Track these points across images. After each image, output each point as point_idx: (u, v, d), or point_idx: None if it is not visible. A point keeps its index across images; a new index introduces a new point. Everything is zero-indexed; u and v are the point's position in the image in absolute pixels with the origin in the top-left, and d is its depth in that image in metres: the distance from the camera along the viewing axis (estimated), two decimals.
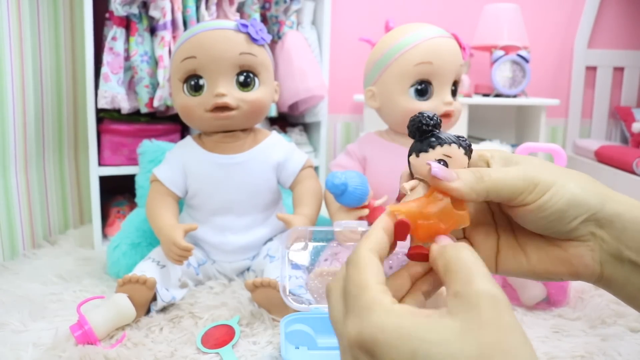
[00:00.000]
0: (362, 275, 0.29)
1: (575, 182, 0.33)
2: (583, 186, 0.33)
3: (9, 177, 1.04)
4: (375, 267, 0.29)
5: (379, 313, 0.26)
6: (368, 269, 0.29)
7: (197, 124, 0.94)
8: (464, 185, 0.32)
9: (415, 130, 0.35)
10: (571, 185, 0.32)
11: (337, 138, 1.81)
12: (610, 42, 1.91)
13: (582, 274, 0.34)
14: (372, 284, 0.28)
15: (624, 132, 1.90)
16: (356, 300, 0.28)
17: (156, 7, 1.11)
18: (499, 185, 0.32)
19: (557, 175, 0.33)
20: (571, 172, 0.34)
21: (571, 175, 0.34)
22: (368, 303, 0.26)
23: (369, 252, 0.30)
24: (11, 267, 1.00)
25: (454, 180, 0.32)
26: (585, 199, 0.32)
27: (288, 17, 1.32)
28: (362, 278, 0.28)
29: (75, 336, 0.70)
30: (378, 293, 0.27)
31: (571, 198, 0.32)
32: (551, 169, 0.34)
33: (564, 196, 0.32)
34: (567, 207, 0.32)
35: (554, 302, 0.87)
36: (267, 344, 0.73)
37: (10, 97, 1.02)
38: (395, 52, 0.91)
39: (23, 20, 1.06)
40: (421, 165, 0.34)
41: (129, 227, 1.01)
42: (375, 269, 0.29)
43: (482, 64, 1.79)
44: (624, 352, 0.70)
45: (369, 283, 0.28)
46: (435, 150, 0.34)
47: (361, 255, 0.30)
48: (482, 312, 0.24)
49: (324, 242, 0.89)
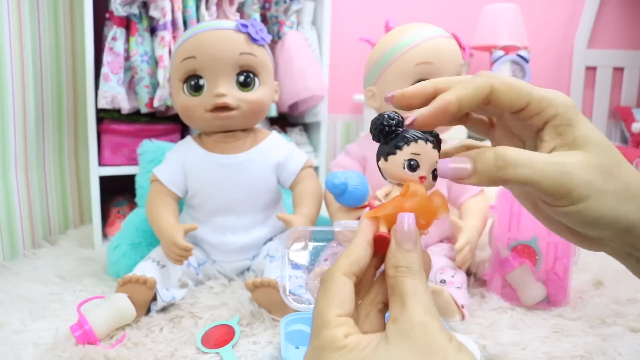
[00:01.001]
0: (325, 307, 0.29)
1: (614, 199, 0.30)
2: (620, 203, 0.30)
3: (9, 177, 1.04)
4: (341, 293, 0.29)
5: (331, 353, 0.27)
6: (334, 299, 0.29)
7: (197, 124, 0.94)
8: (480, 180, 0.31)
9: (379, 133, 0.33)
10: (607, 203, 0.30)
11: (337, 138, 1.81)
12: (610, 42, 1.91)
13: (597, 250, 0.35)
14: (332, 318, 0.28)
15: (624, 132, 1.91)
16: (315, 334, 0.28)
17: (156, 7, 1.11)
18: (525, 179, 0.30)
19: (597, 186, 0.30)
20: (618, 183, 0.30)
21: (616, 188, 0.30)
22: (323, 342, 0.28)
23: (342, 277, 0.30)
24: (11, 267, 1.00)
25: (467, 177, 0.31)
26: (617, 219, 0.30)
27: (288, 17, 1.32)
28: (325, 310, 0.29)
29: (75, 336, 0.70)
30: (336, 329, 0.28)
31: (602, 217, 0.30)
32: (596, 176, 0.30)
33: (596, 213, 0.30)
34: (595, 222, 0.30)
35: (554, 302, 0.87)
36: (267, 344, 0.73)
37: (10, 97, 1.02)
38: (395, 52, 0.91)
39: (23, 20, 1.06)
40: (391, 168, 0.33)
41: (129, 227, 1.01)
42: (340, 296, 0.29)
43: (482, 64, 1.79)
44: (623, 352, 0.70)
45: (329, 318, 0.28)
46: (403, 150, 0.32)
47: (330, 279, 0.30)
48: (414, 338, 0.26)
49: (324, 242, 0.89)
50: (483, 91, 0.31)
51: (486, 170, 0.30)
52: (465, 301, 0.82)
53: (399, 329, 0.27)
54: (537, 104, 0.31)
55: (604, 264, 1.07)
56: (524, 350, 0.71)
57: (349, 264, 0.30)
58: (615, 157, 0.31)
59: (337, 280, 0.30)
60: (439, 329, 0.27)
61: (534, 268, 0.87)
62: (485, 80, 0.32)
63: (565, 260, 0.87)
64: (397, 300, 0.28)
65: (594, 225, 0.31)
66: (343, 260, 0.31)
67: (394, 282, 0.29)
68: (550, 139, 0.32)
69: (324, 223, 1.02)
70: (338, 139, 1.81)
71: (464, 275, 0.88)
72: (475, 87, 0.32)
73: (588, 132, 0.31)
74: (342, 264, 0.30)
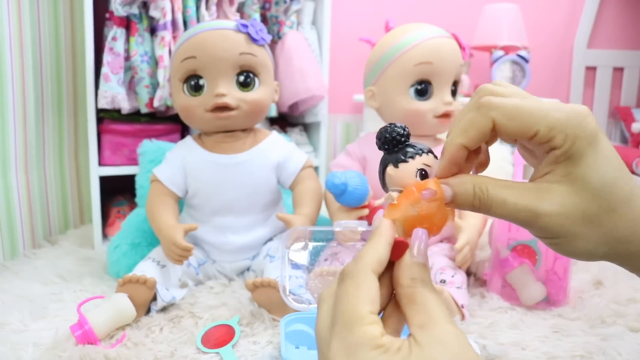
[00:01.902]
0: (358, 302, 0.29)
1: (586, 241, 0.30)
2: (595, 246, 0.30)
3: (9, 177, 1.04)
4: (373, 290, 0.29)
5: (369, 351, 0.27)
6: (364, 294, 0.29)
7: (197, 124, 0.94)
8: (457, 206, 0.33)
9: (389, 142, 0.34)
10: (578, 245, 0.31)
11: (337, 138, 1.81)
12: (610, 42, 1.91)
13: None
14: (366, 314, 0.28)
15: (624, 132, 1.91)
16: (348, 329, 0.28)
17: (156, 7, 1.11)
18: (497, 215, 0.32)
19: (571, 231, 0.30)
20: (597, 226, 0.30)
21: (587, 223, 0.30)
22: (359, 338, 0.27)
23: (371, 274, 0.30)
24: (11, 267, 1.00)
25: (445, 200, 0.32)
26: (592, 252, 0.31)
27: (288, 17, 1.32)
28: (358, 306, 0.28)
29: (75, 336, 0.70)
30: (371, 326, 0.28)
31: (575, 253, 0.31)
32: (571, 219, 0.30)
33: (568, 249, 0.31)
34: (572, 255, 0.32)
35: (554, 302, 0.87)
36: (267, 343, 0.73)
37: (10, 96, 1.02)
38: (395, 52, 0.91)
39: (23, 21, 1.06)
40: (403, 176, 0.34)
41: (129, 227, 1.01)
42: (372, 294, 0.29)
43: (482, 64, 1.79)
44: (623, 352, 0.70)
45: (363, 313, 0.28)
46: (415, 160, 0.34)
47: (361, 275, 0.30)
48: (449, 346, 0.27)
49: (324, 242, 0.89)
50: (485, 130, 0.32)
51: (463, 204, 0.32)
52: (465, 301, 0.82)
53: (431, 335, 0.27)
54: (545, 134, 0.30)
55: (603, 264, 1.07)
56: (524, 350, 0.71)
57: (377, 262, 0.31)
58: (608, 203, 0.30)
59: (368, 276, 0.30)
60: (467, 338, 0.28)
61: (534, 268, 0.87)
62: (486, 116, 0.31)
63: (565, 260, 0.87)
64: (420, 309, 0.29)
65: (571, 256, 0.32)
66: (370, 257, 0.31)
67: (411, 292, 0.30)
68: (546, 164, 0.31)
69: (324, 223, 1.02)
70: (338, 139, 1.81)
71: (464, 275, 0.88)
72: (478, 129, 0.32)
73: (587, 172, 0.30)
74: (369, 261, 0.30)
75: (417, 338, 0.27)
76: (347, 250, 0.90)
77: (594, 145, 0.30)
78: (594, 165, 0.30)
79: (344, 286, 0.30)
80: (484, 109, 0.31)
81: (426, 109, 0.91)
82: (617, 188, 0.30)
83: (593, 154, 0.30)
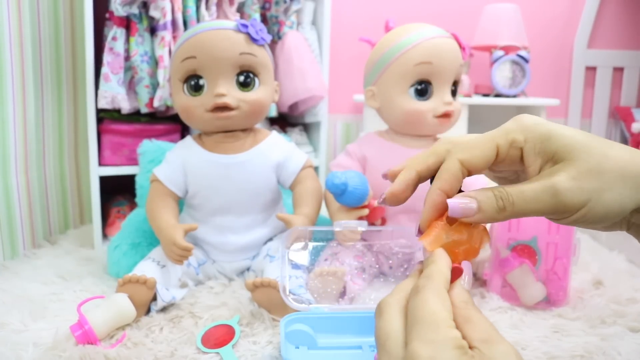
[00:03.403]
0: (438, 307, 0.30)
1: (613, 189, 0.31)
2: (622, 192, 0.31)
3: (9, 177, 1.04)
4: (449, 303, 0.32)
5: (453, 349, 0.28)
6: (445, 303, 0.31)
7: (197, 124, 0.94)
8: (485, 218, 0.33)
9: None
10: (608, 196, 0.31)
11: (337, 138, 1.81)
12: (610, 42, 1.91)
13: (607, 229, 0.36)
14: (447, 319, 0.30)
15: (624, 132, 1.91)
16: (431, 328, 0.29)
17: (156, 7, 1.11)
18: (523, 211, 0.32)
19: (593, 188, 0.31)
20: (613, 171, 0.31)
21: (612, 177, 0.31)
22: (444, 337, 0.29)
23: (444, 289, 0.32)
24: (11, 267, 1.00)
25: (472, 215, 0.33)
26: (623, 205, 0.31)
27: (288, 17, 1.32)
28: (438, 309, 0.30)
29: (75, 336, 0.70)
30: (452, 329, 0.30)
31: (608, 210, 0.31)
32: (590, 175, 0.31)
33: (600, 210, 0.31)
34: (604, 217, 0.32)
35: (554, 302, 0.87)
36: (267, 343, 0.73)
37: (10, 96, 1.02)
38: (395, 52, 0.91)
39: (23, 20, 1.06)
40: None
41: (129, 227, 1.01)
42: (449, 305, 0.32)
43: (482, 64, 1.79)
44: (623, 352, 0.70)
45: (444, 316, 0.30)
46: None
47: (439, 288, 0.32)
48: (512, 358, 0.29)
49: (324, 242, 0.90)
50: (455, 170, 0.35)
51: (489, 210, 0.33)
52: None
53: (496, 349, 0.29)
54: (504, 141, 0.34)
55: (604, 264, 1.07)
56: (523, 350, 0.71)
57: (446, 281, 0.33)
58: (599, 150, 0.32)
59: (442, 289, 0.32)
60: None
61: (534, 268, 0.87)
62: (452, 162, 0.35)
63: (565, 260, 0.87)
64: (478, 328, 0.31)
65: (604, 220, 0.32)
66: (441, 276, 0.33)
67: (467, 312, 0.32)
68: (532, 161, 0.34)
69: (324, 223, 1.02)
70: (338, 139, 1.81)
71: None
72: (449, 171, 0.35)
73: (565, 140, 0.33)
74: (442, 279, 0.33)
75: (484, 351, 0.29)
76: (347, 250, 0.90)
77: (549, 123, 0.34)
78: (564, 131, 0.33)
79: (421, 296, 0.31)
80: (443, 153, 0.35)
81: (426, 109, 0.91)
82: (595, 140, 0.33)
83: (555, 127, 0.33)
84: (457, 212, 0.33)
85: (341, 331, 0.71)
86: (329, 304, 0.78)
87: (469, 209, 0.33)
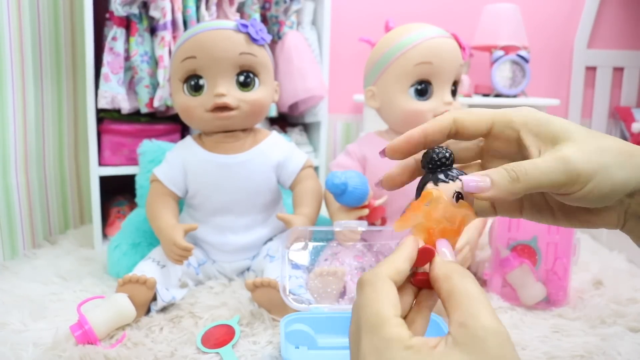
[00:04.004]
0: (381, 306, 0.29)
1: (616, 164, 0.32)
2: (624, 165, 0.32)
3: (9, 177, 1.04)
4: (392, 295, 0.30)
5: (400, 351, 0.27)
6: (385, 298, 0.30)
7: (197, 124, 0.94)
8: (499, 191, 0.32)
9: (435, 162, 0.36)
10: (614, 171, 0.32)
11: (337, 138, 1.81)
12: (610, 42, 1.91)
13: (604, 226, 0.36)
14: (391, 317, 0.29)
15: (624, 132, 1.91)
16: (374, 331, 0.28)
17: (156, 7, 1.11)
18: (537, 182, 0.32)
19: (600, 161, 0.32)
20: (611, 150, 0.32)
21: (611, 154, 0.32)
22: (388, 340, 0.28)
23: (389, 280, 0.31)
24: (11, 267, 1.00)
25: (487, 191, 0.32)
26: (627, 182, 0.32)
27: (288, 17, 1.32)
28: (382, 309, 0.29)
29: (75, 336, 0.70)
30: (396, 327, 0.28)
31: (613, 185, 0.32)
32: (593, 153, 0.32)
33: (607, 185, 0.32)
34: (610, 192, 0.32)
35: (554, 302, 0.87)
36: (267, 343, 0.73)
37: (10, 97, 1.02)
38: (395, 52, 0.91)
39: (23, 20, 1.06)
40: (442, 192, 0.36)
41: (129, 227, 1.01)
42: (392, 298, 0.30)
43: (482, 64, 1.79)
44: (623, 352, 0.70)
45: (388, 316, 0.29)
46: (455, 182, 0.35)
47: (379, 282, 0.31)
48: (488, 347, 0.26)
49: (324, 242, 0.89)
50: (445, 123, 0.35)
51: (502, 182, 0.32)
52: None
53: (471, 334, 0.27)
54: (501, 118, 0.35)
55: (604, 264, 1.07)
56: (524, 350, 0.71)
57: (395, 272, 0.31)
58: (595, 133, 0.33)
59: (386, 282, 0.31)
60: (509, 336, 0.28)
61: (534, 268, 0.87)
62: (448, 114, 0.36)
63: (565, 260, 0.87)
64: (459, 304, 0.29)
65: (610, 196, 0.32)
66: (388, 266, 0.32)
67: (449, 285, 0.30)
68: (531, 142, 0.34)
69: (324, 223, 1.02)
70: (338, 139, 1.81)
71: None
72: (439, 121, 0.35)
73: (563, 124, 0.34)
74: (387, 269, 0.31)
75: (456, 337, 0.27)
76: (347, 250, 0.90)
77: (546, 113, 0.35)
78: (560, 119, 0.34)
79: (364, 293, 0.30)
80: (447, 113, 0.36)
81: (426, 109, 0.91)
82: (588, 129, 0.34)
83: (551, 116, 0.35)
84: (472, 188, 0.32)
85: (341, 331, 0.71)
86: (329, 304, 0.78)
87: (483, 183, 0.32)
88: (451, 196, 0.35)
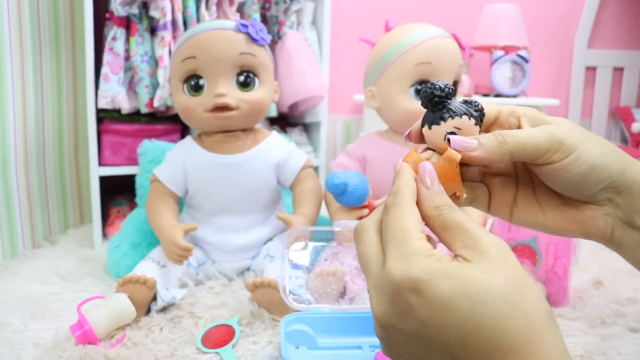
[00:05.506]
0: (406, 223, 0.31)
1: (598, 148, 0.34)
2: (606, 152, 0.34)
3: (9, 177, 1.04)
4: (417, 214, 0.32)
5: (423, 258, 0.29)
6: (411, 216, 0.31)
7: (197, 124, 0.94)
8: (486, 152, 0.34)
9: (427, 101, 0.35)
10: (595, 151, 0.34)
11: (337, 138, 1.81)
12: (610, 42, 1.92)
13: (593, 234, 0.36)
14: (416, 232, 0.30)
15: (624, 132, 1.91)
16: (401, 244, 0.30)
17: (156, 7, 1.11)
18: (523, 144, 0.33)
19: (582, 139, 0.34)
20: (596, 139, 0.35)
21: (596, 141, 0.35)
22: (413, 249, 0.29)
23: (412, 202, 0.32)
24: (11, 267, 1.00)
25: (474, 150, 0.34)
26: (607, 166, 0.34)
27: (288, 17, 1.32)
28: (407, 225, 0.31)
29: (75, 336, 0.70)
30: (421, 241, 0.30)
31: (594, 163, 0.33)
32: (577, 132, 0.34)
33: (587, 160, 0.33)
34: (590, 171, 0.34)
35: (554, 302, 0.87)
36: (267, 344, 0.73)
37: (10, 97, 1.02)
38: (395, 52, 0.91)
39: (23, 21, 1.06)
40: (433, 137, 0.35)
41: (129, 227, 1.01)
42: (417, 217, 0.32)
43: (482, 64, 1.79)
44: (623, 352, 0.70)
45: (413, 230, 0.31)
46: (446, 122, 0.35)
47: (403, 203, 0.32)
48: (493, 257, 0.29)
49: (324, 242, 0.89)
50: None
51: (490, 143, 0.34)
52: None
53: (475, 252, 0.29)
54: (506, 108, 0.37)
55: (604, 264, 1.07)
56: None
57: (413, 193, 0.33)
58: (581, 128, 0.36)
59: (410, 202, 0.32)
60: (507, 246, 0.30)
61: (534, 268, 0.87)
62: None
63: (565, 260, 0.87)
64: (456, 233, 0.31)
65: (591, 177, 0.34)
66: (407, 189, 0.33)
67: (442, 219, 0.32)
68: (527, 125, 0.36)
69: (324, 223, 1.02)
70: (338, 139, 1.81)
71: None
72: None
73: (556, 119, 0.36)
74: (407, 192, 0.33)
75: (465, 256, 0.29)
76: (347, 250, 0.90)
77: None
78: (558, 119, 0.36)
79: (390, 214, 0.32)
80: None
81: None
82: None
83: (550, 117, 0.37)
84: (458, 144, 0.34)
85: (341, 331, 0.71)
86: (329, 304, 0.78)
87: (470, 143, 0.34)
88: (442, 137, 0.35)
